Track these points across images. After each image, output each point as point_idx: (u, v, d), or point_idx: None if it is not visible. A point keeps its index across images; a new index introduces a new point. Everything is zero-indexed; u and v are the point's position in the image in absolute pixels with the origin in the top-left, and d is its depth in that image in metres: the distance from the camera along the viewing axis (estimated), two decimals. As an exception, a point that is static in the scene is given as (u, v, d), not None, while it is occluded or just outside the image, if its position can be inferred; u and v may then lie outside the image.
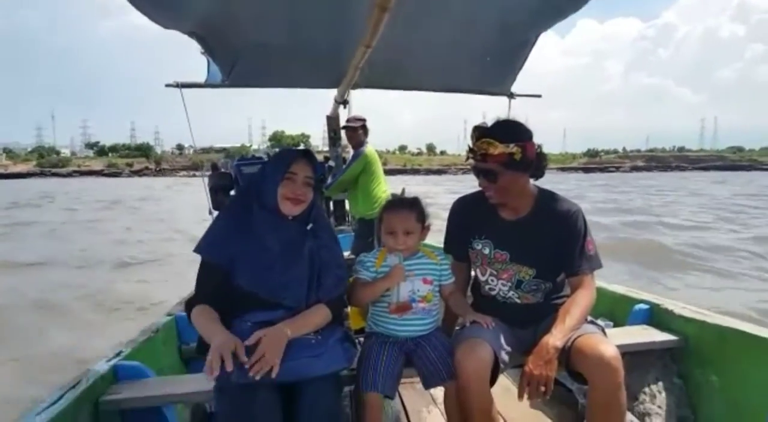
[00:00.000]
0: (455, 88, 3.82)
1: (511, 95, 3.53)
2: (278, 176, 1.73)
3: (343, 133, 4.37)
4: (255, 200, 1.74)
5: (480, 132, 1.74)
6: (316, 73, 3.42)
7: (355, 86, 3.51)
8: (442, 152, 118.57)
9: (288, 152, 1.81)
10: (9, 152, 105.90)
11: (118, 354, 2.01)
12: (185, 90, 3.38)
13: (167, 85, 3.29)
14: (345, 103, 4.00)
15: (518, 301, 1.90)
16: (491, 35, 2.60)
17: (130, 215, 20.58)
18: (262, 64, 3.09)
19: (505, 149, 1.69)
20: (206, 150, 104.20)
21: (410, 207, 1.87)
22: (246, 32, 2.52)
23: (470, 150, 1.79)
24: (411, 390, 2.62)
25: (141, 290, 7.09)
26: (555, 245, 1.81)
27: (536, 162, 1.77)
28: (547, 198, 1.87)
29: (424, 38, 2.63)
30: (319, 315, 1.70)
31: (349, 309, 2.35)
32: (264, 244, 1.69)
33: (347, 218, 5.72)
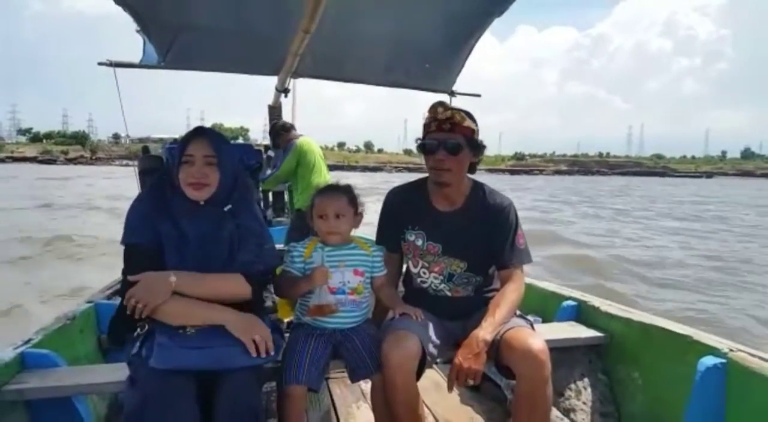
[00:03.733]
0: (397, 84, 3.83)
1: (452, 93, 3.57)
2: (176, 160, 1.62)
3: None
4: (169, 186, 1.64)
5: (446, 106, 1.76)
6: (257, 59, 3.34)
7: (296, 75, 3.46)
8: (380, 151, 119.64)
9: (185, 135, 1.70)
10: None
11: (27, 342, 1.87)
12: (120, 72, 3.21)
13: (100, 64, 3.13)
14: (286, 91, 3.93)
15: (449, 294, 1.89)
16: (432, 32, 2.61)
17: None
18: (201, 46, 2.98)
19: (471, 124, 1.74)
20: (143, 140, 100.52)
21: (342, 190, 1.84)
22: (184, 9, 2.42)
23: (437, 120, 1.76)
24: (341, 384, 2.57)
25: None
26: (486, 238, 1.81)
27: (480, 153, 1.80)
28: (480, 191, 1.87)
29: (366, 31, 2.61)
30: (226, 278, 1.60)
31: (277, 300, 2.28)
32: (181, 230, 1.60)
33: (286, 210, 5.64)
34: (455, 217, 1.84)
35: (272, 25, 2.60)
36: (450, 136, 1.73)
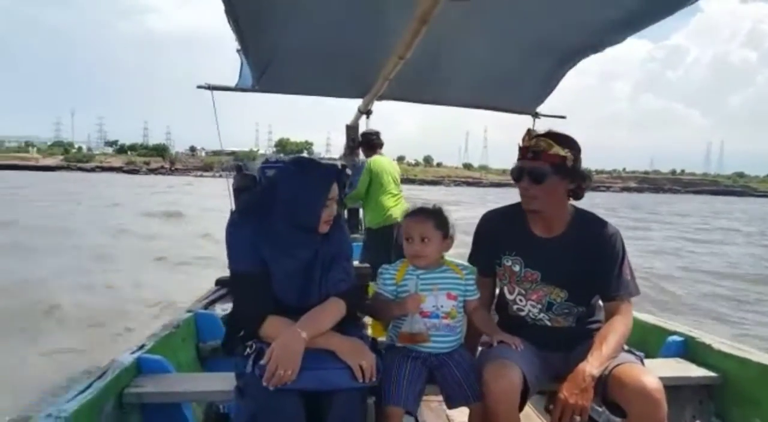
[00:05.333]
0: (479, 105, 3.83)
1: (535, 115, 3.52)
2: (321, 201, 1.70)
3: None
4: (285, 217, 1.69)
5: (536, 134, 1.74)
6: (345, 83, 3.44)
7: (381, 98, 3.52)
8: (439, 164, 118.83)
9: (326, 176, 1.76)
10: (30, 145, 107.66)
11: (141, 347, 2.01)
12: (205, 93, 3.41)
13: (199, 87, 3.33)
14: (368, 113, 4.02)
15: (548, 324, 1.85)
16: (526, 59, 2.58)
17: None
18: (294, 71, 3.11)
19: (560, 150, 1.69)
20: (217, 153, 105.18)
21: (429, 214, 1.84)
22: (284, 32, 2.52)
23: (522, 149, 1.76)
24: (426, 408, 2.56)
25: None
26: (590, 267, 1.77)
27: (581, 178, 1.75)
28: (584, 218, 1.83)
29: (457, 53, 2.62)
30: (332, 308, 1.69)
31: (369, 319, 2.32)
32: (285, 257, 1.69)
33: (360, 227, 5.73)
34: (556, 244, 1.81)
35: (366, 50, 2.67)
36: (534, 164, 1.71)
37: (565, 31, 2.22)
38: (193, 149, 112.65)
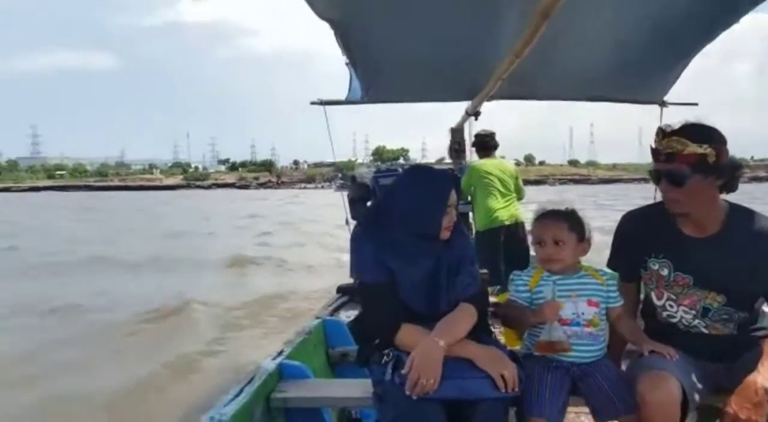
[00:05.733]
0: (597, 97, 3.63)
1: (662, 104, 3.26)
2: (441, 209, 1.70)
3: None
4: (406, 227, 1.70)
5: (667, 132, 1.58)
6: (453, 86, 3.41)
7: (491, 98, 3.45)
8: (541, 163, 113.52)
9: (444, 183, 1.76)
10: (154, 167, 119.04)
11: (280, 353, 2.10)
12: (304, 109, 3.54)
13: (312, 103, 3.47)
14: (477, 115, 3.95)
15: (705, 331, 1.69)
16: (657, 41, 2.39)
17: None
18: (402, 79, 3.14)
19: (697, 148, 1.52)
20: (318, 164, 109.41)
21: (561, 216, 1.76)
22: (390, 44, 2.55)
23: (654, 151, 1.63)
24: (569, 420, 2.44)
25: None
26: (752, 268, 1.59)
27: (729, 172, 1.56)
28: (742, 214, 1.65)
29: (577, 45, 2.49)
30: (465, 314, 1.67)
31: (501, 328, 2.26)
32: (411, 266, 1.69)
33: (470, 230, 5.66)
34: (710, 245, 1.64)
35: (477, 52, 2.62)
36: (670, 167, 1.57)
37: (700, 5, 2.02)
38: (296, 162, 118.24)
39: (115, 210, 30.72)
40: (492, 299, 2.79)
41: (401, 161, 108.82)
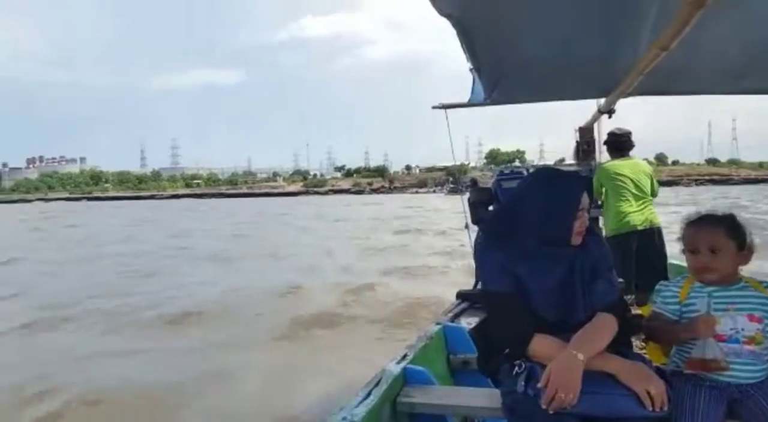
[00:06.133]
0: (748, 90, 3.25)
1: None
2: (572, 214, 1.62)
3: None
4: (535, 233, 1.63)
5: None
6: (585, 84, 3.25)
7: (628, 94, 3.23)
8: (674, 162, 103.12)
9: (574, 186, 1.67)
10: (277, 175, 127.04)
11: (403, 357, 2.12)
12: (414, 115, 3.54)
13: (434, 108, 3.50)
14: (611, 113, 3.72)
15: None
16: None
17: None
18: (528, 80, 3.04)
19: None
20: (430, 169, 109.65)
21: (718, 221, 1.60)
22: (517, 45, 2.48)
23: None
24: None
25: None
26: None
27: None
28: None
29: (729, 35, 2.25)
30: (604, 325, 1.57)
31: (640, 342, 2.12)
32: (548, 272, 1.62)
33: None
34: None
35: (615, 47, 2.47)
36: None
37: None
38: (408, 167, 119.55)
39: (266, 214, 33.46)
40: (633, 310, 2.60)
41: (517, 163, 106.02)
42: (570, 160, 4.93)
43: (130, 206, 59.66)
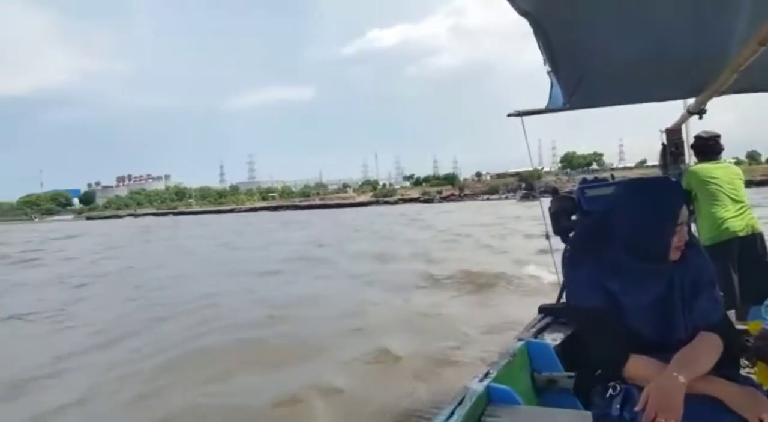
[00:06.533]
0: None
1: None
2: (670, 228, 1.51)
3: None
4: (629, 248, 1.54)
5: None
6: (672, 84, 3.06)
7: (720, 93, 3.02)
8: None
9: (671, 198, 1.55)
10: (347, 186, 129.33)
11: (486, 375, 2.06)
12: (484, 121, 3.45)
13: (509, 115, 3.41)
14: (701, 113, 3.47)
15: None
16: None
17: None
18: (610, 82, 2.92)
19: None
20: (501, 175, 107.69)
21: None
22: (599, 47, 2.37)
23: None
24: None
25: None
26: None
27: None
28: None
29: None
30: (708, 346, 1.45)
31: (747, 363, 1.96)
32: (644, 289, 1.52)
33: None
34: None
35: (705, 44, 2.31)
36: None
37: None
38: (478, 174, 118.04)
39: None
40: (739, 327, 2.39)
41: (594, 166, 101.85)
42: (653, 162, 4.66)
43: (218, 219, 63.61)
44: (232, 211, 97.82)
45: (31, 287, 12.68)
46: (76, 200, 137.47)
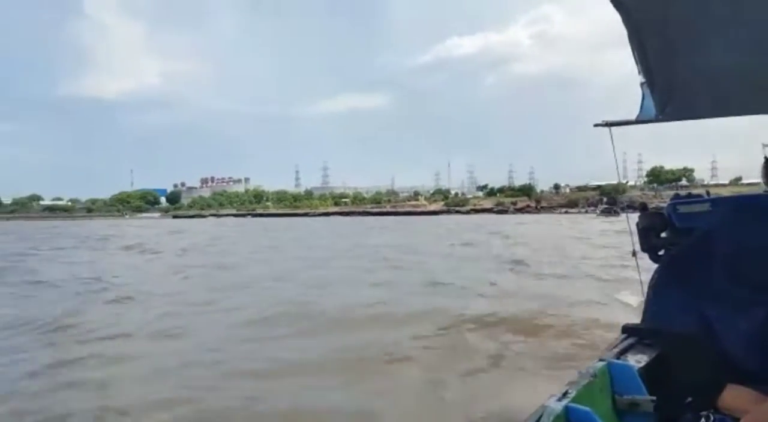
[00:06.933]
0: None
1: None
2: None
3: None
4: (730, 271, 1.48)
5: None
6: None
7: None
8: None
9: None
10: (418, 194, 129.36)
11: (564, 395, 1.96)
12: (562, 132, 3.31)
13: (596, 125, 3.26)
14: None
15: None
16: None
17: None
18: (711, 91, 2.71)
19: None
20: (581, 188, 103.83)
21: None
22: (700, 49, 2.22)
23: None
24: None
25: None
26: None
27: None
28: None
29: None
30: None
31: None
32: (746, 316, 1.41)
33: None
34: None
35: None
36: None
37: None
38: (557, 186, 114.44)
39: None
40: None
41: (684, 182, 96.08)
42: (751, 180, 4.32)
43: (300, 222, 66.14)
44: (306, 215, 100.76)
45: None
46: (162, 199, 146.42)
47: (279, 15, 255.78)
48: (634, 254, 3.41)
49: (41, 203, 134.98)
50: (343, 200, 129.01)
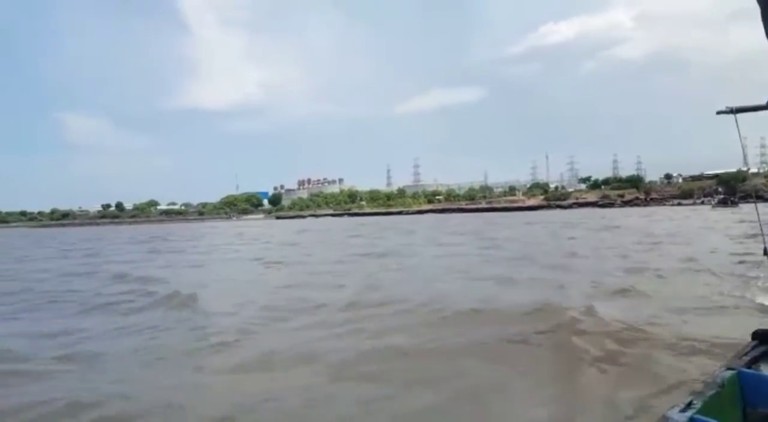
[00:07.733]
0: None
1: None
2: None
3: None
4: None
5: None
6: None
7: None
8: None
9: None
10: (514, 189, 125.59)
11: (688, 405, 1.85)
12: (665, 118, 2.98)
13: (719, 113, 2.94)
14: None
15: None
16: None
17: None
18: None
19: None
20: (696, 178, 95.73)
21: None
22: None
23: None
24: None
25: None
26: None
27: None
28: None
29: None
30: None
31: None
32: None
33: None
34: None
35: None
36: None
37: None
38: (668, 176, 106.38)
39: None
40: None
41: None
42: None
43: (402, 220, 66.01)
44: (400, 213, 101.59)
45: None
46: (265, 201, 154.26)
47: (372, 19, 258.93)
48: (765, 252, 3.06)
49: (158, 208, 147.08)
50: (437, 197, 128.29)
